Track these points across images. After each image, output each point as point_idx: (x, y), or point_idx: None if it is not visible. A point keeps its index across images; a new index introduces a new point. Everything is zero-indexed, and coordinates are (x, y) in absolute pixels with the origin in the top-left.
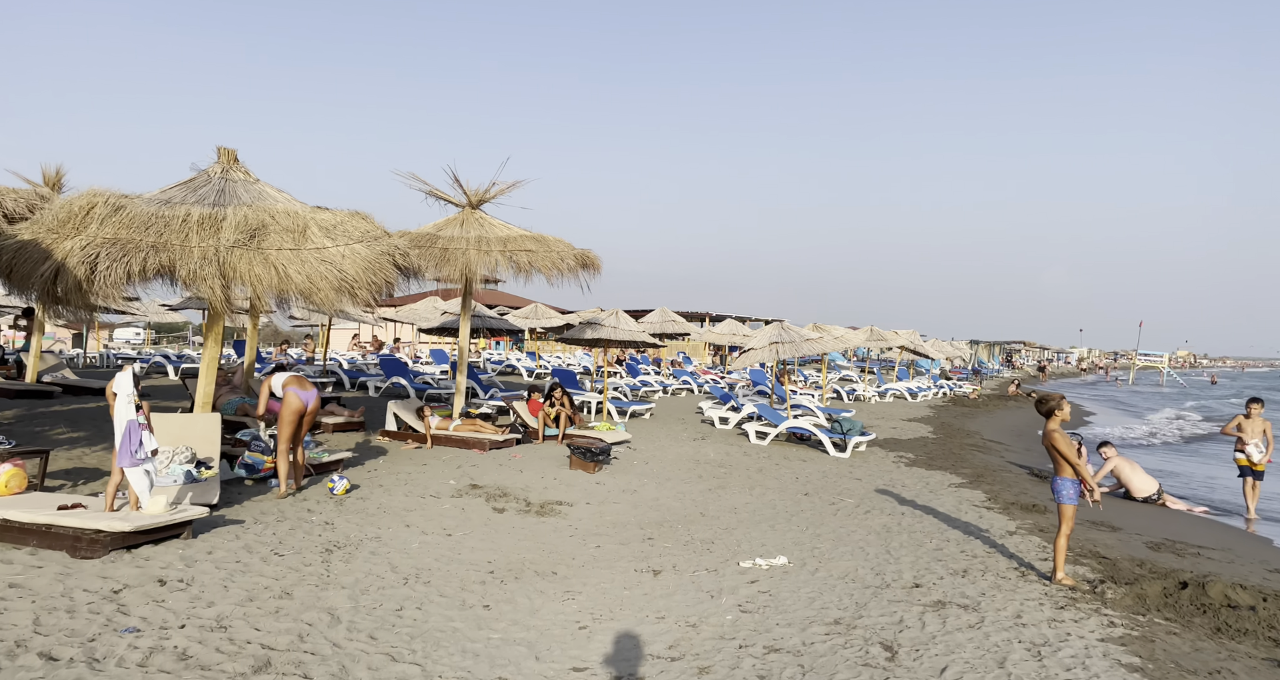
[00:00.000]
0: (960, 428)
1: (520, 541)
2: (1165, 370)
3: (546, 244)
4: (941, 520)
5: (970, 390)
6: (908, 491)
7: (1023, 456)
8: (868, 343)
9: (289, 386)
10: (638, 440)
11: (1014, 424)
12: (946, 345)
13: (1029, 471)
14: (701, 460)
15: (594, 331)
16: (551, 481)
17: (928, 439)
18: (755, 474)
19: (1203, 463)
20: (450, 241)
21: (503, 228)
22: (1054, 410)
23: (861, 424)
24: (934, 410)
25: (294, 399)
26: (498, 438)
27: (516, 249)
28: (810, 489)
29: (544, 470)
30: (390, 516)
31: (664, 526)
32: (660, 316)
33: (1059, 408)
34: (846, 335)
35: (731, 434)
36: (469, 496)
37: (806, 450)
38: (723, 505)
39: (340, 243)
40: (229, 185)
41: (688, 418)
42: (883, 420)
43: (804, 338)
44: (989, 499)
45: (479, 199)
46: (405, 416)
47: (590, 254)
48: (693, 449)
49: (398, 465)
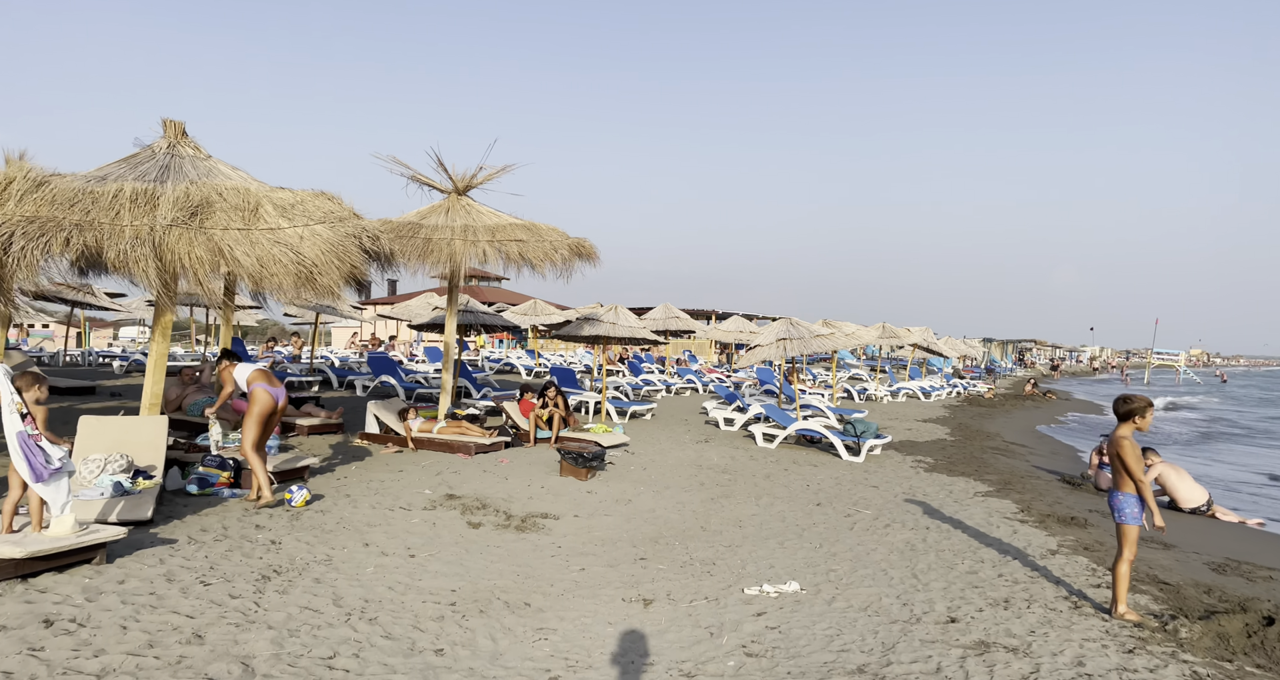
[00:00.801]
0: (979, 429)
1: (493, 563)
2: (1182, 369)
3: (538, 232)
4: (971, 536)
5: (985, 389)
6: (930, 501)
7: (1049, 460)
8: (880, 340)
9: (257, 382)
10: (637, 443)
11: (1034, 424)
12: (960, 343)
13: (1059, 478)
14: (704, 465)
15: (592, 328)
16: (538, 490)
17: (946, 441)
18: (762, 481)
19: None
20: (434, 230)
21: (491, 216)
22: (1133, 414)
23: (876, 426)
24: (949, 410)
25: (263, 395)
26: (484, 441)
27: (505, 238)
28: (823, 498)
29: (531, 477)
30: (349, 533)
31: (659, 544)
32: (664, 313)
33: (1140, 414)
34: (858, 332)
35: (737, 436)
36: (443, 508)
37: (817, 454)
38: (726, 517)
39: (299, 224)
40: (175, 161)
41: (691, 418)
42: (897, 421)
43: (814, 334)
44: (1021, 510)
45: (466, 185)
46: (386, 418)
47: (586, 243)
48: (695, 452)
49: (371, 472)
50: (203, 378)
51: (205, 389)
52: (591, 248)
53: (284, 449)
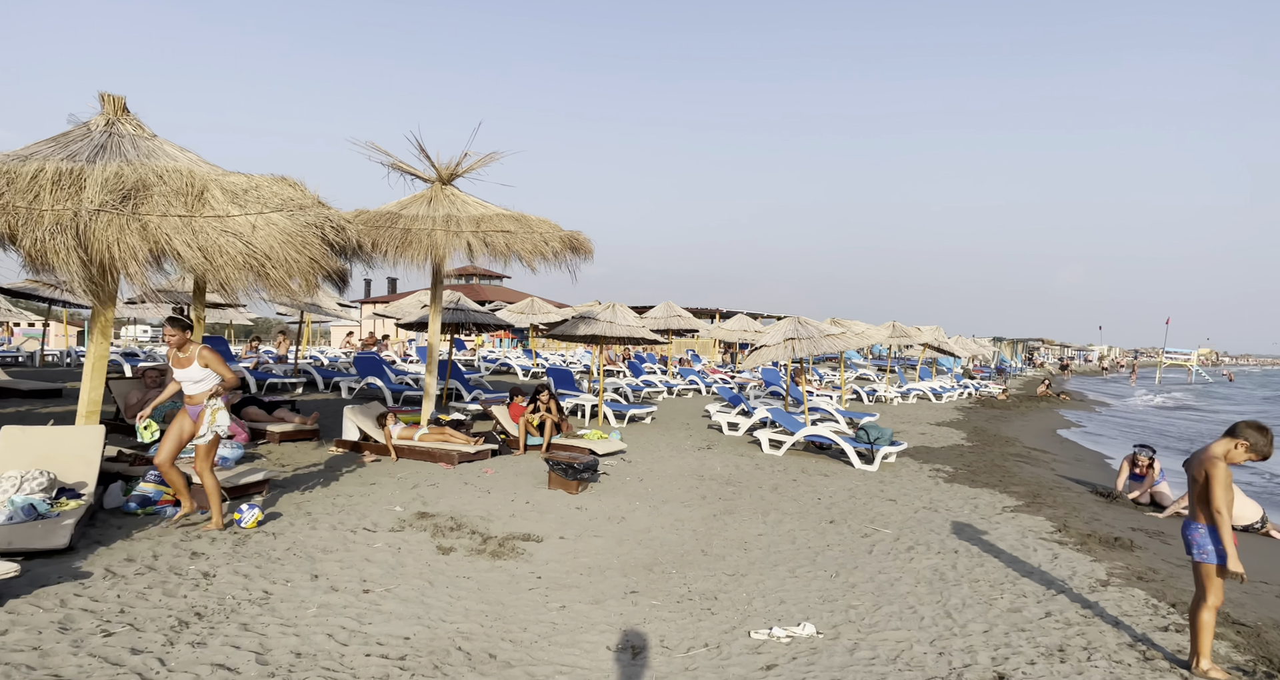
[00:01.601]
0: (996, 433)
1: (459, 600)
2: (1194, 369)
3: (527, 224)
4: (1006, 562)
5: (999, 391)
6: (955, 518)
7: (1075, 468)
8: (890, 339)
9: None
10: (634, 449)
11: (1052, 427)
12: (970, 342)
13: (1090, 489)
14: (706, 475)
15: (588, 326)
16: (522, 506)
17: (963, 447)
18: (769, 493)
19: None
20: (414, 221)
21: (478, 206)
22: (1241, 437)
23: (890, 432)
24: (962, 412)
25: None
26: (468, 449)
27: (492, 229)
28: (836, 514)
29: (517, 490)
30: (298, 562)
31: (654, 572)
32: (665, 311)
33: (1255, 444)
34: (868, 331)
35: (741, 442)
36: (412, 529)
37: (827, 461)
38: (730, 538)
39: (251, 211)
40: (114, 141)
41: (693, 422)
42: (909, 424)
43: (823, 333)
44: (1057, 529)
45: (450, 173)
46: (363, 424)
47: (579, 236)
48: (697, 461)
49: (341, 485)
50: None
51: None
52: (586, 241)
53: (249, 458)
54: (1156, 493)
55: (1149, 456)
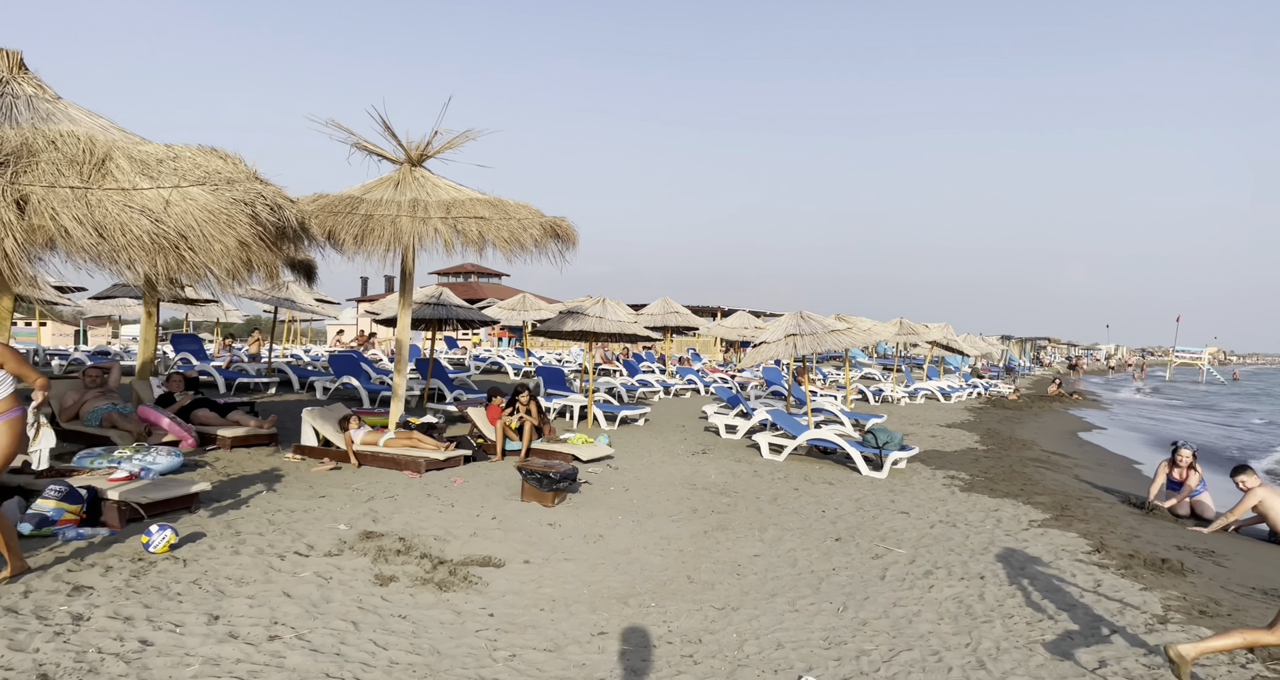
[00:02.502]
0: (1011, 436)
1: (385, 649)
2: (1205, 368)
3: (504, 209)
4: (1041, 591)
5: (1009, 390)
6: (976, 534)
7: (1100, 474)
8: (897, 337)
9: None
10: (624, 455)
11: (1069, 429)
12: (979, 341)
13: (1122, 499)
14: (699, 484)
15: (576, 322)
16: (487, 522)
17: (977, 451)
18: (768, 505)
19: None
20: (376, 206)
21: (450, 189)
22: None
23: (901, 436)
24: (973, 413)
25: None
26: (437, 456)
27: (464, 215)
28: (843, 530)
29: (485, 503)
30: (201, 598)
31: (629, 606)
32: (662, 307)
33: None
34: (875, 328)
35: (739, 445)
36: (353, 553)
37: (832, 467)
38: (722, 560)
39: (165, 184)
40: (7, 101)
41: (690, 424)
42: (918, 426)
43: (827, 329)
44: (1095, 548)
45: (420, 154)
46: (323, 428)
47: (563, 222)
48: (690, 467)
49: (285, 498)
50: (110, 380)
51: (110, 394)
52: (569, 228)
53: (190, 467)
54: (1197, 503)
55: (1191, 452)
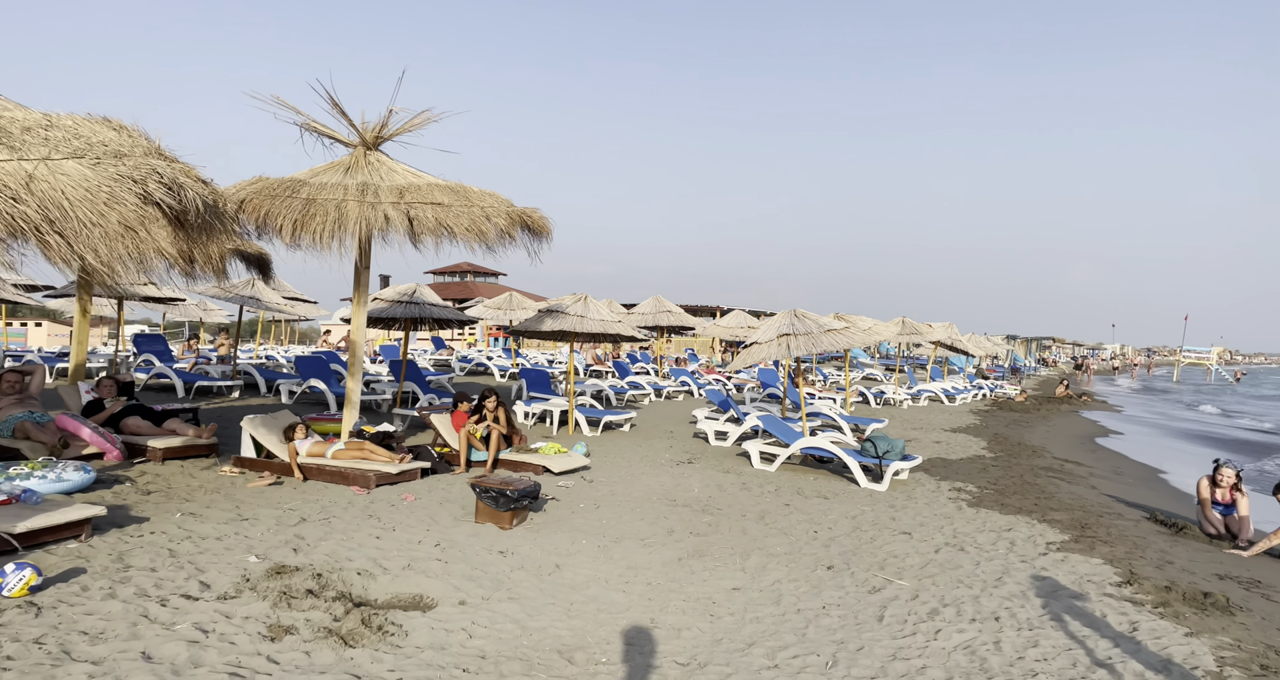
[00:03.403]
0: (1019, 441)
1: None
2: (1213, 368)
3: (466, 196)
4: (1068, 636)
5: (1016, 392)
6: (987, 560)
7: (1119, 485)
8: (900, 337)
9: None
10: (602, 465)
11: (1081, 433)
12: (984, 340)
13: (1148, 515)
14: (680, 499)
15: (555, 321)
16: (429, 549)
17: (985, 459)
18: (754, 525)
19: None
20: (320, 190)
21: (409, 175)
22: None
23: (903, 444)
24: (979, 417)
25: None
26: (390, 469)
27: (418, 201)
28: (836, 556)
29: (432, 525)
30: (31, 664)
31: (575, 664)
32: (653, 306)
33: None
34: (876, 327)
35: (729, 453)
36: (253, 595)
37: (827, 478)
38: (694, 597)
39: (32, 155)
40: None
41: (678, 430)
42: (922, 431)
43: (823, 329)
44: (1125, 580)
45: (375, 136)
46: (264, 438)
47: (534, 213)
48: (673, 479)
49: (202, 521)
50: (32, 385)
51: (29, 401)
52: (541, 219)
53: (112, 483)
54: (1234, 520)
55: (1235, 472)
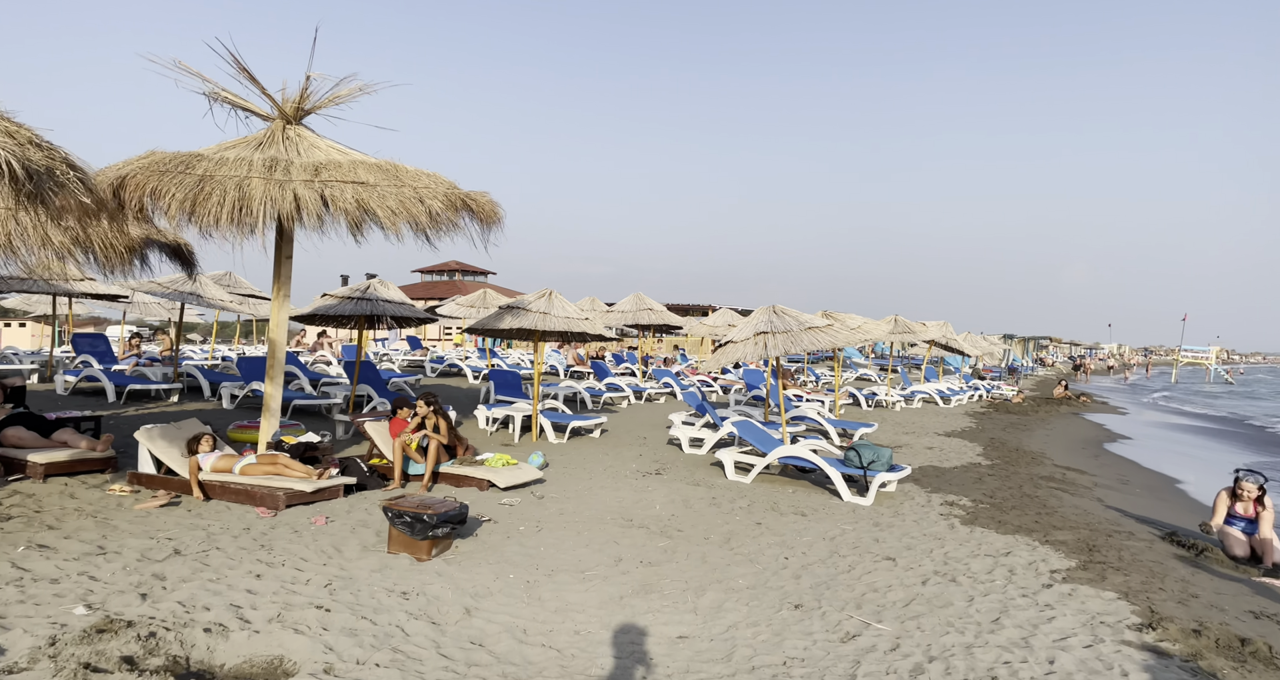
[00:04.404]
0: (1018, 447)
1: None
2: (1213, 368)
3: (396, 175)
4: None
5: (1013, 393)
6: (982, 596)
7: (1124, 496)
8: (892, 336)
9: None
10: (559, 477)
11: (1082, 437)
12: (980, 340)
13: (1162, 535)
14: (638, 518)
15: (516, 319)
16: (313, 592)
17: (980, 467)
18: (717, 549)
19: None
20: (220, 165)
21: (332, 151)
22: None
23: (890, 453)
24: (975, 419)
25: None
26: (304, 487)
27: (336, 178)
28: (806, 590)
29: (333, 556)
30: None
31: None
32: (634, 304)
33: None
34: (866, 326)
35: (703, 463)
36: (47, 668)
37: (807, 491)
38: (628, 651)
39: None
40: None
41: (652, 435)
42: (914, 435)
43: (804, 326)
44: (1146, 621)
45: (296, 108)
46: (163, 453)
47: (480, 196)
48: (635, 493)
49: (46, 557)
50: None
51: None
52: (488, 204)
53: None
54: (1259, 542)
55: (1259, 484)
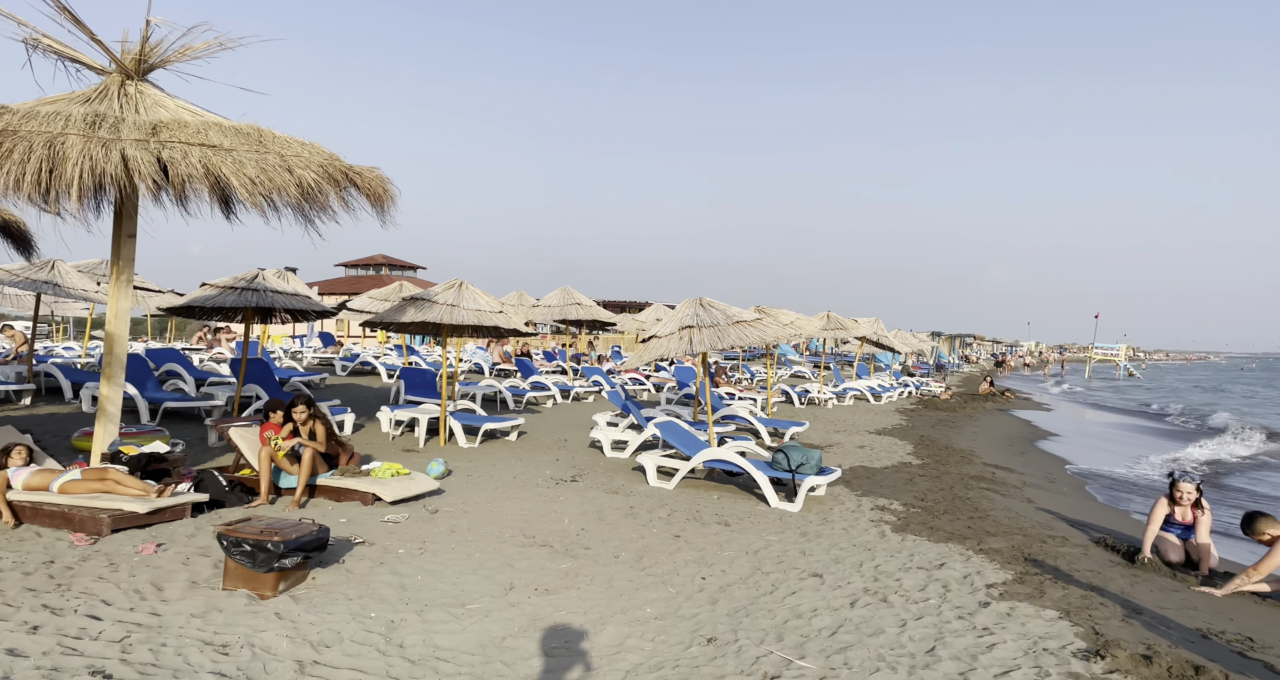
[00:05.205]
0: (948, 444)
1: None
2: (1122, 363)
3: (260, 141)
4: None
5: (942, 389)
6: (915, 619)
7: (1053, 496)
8: (825, 332)
9: None
10: (461, 487)
11: (1008, 434)
12: (910, 337)
13: (1095, 540)
14: (541, 536)
15: (420, 311)
16: (102, 649)
17: (911, 466)
18: (626, 571)
19: None
20: (26, 120)
21: (182, 112)
22: None
23: (819, 455)
24: (905, 416)
25: None
26: (138, 506)
27: (179, 139)
28: (723, 617)
29: (147, 596)
30: None
31: None
32: (561, 298)
33: None
34: (799, 322)
35: (624, 467)
36: None
37: (734, 497)
38: None
39: None
40: None
41: (575, 437)
42: (845, 434)
43: (731, 320)
44: (1092, 648)
45: (138, 61)
46: None
47: (368, 171)
48: (543, 505)
49: None
50: None
51: None
52: (375, 180)
53: None
54: (1195, 547)
55: (1195, 485)
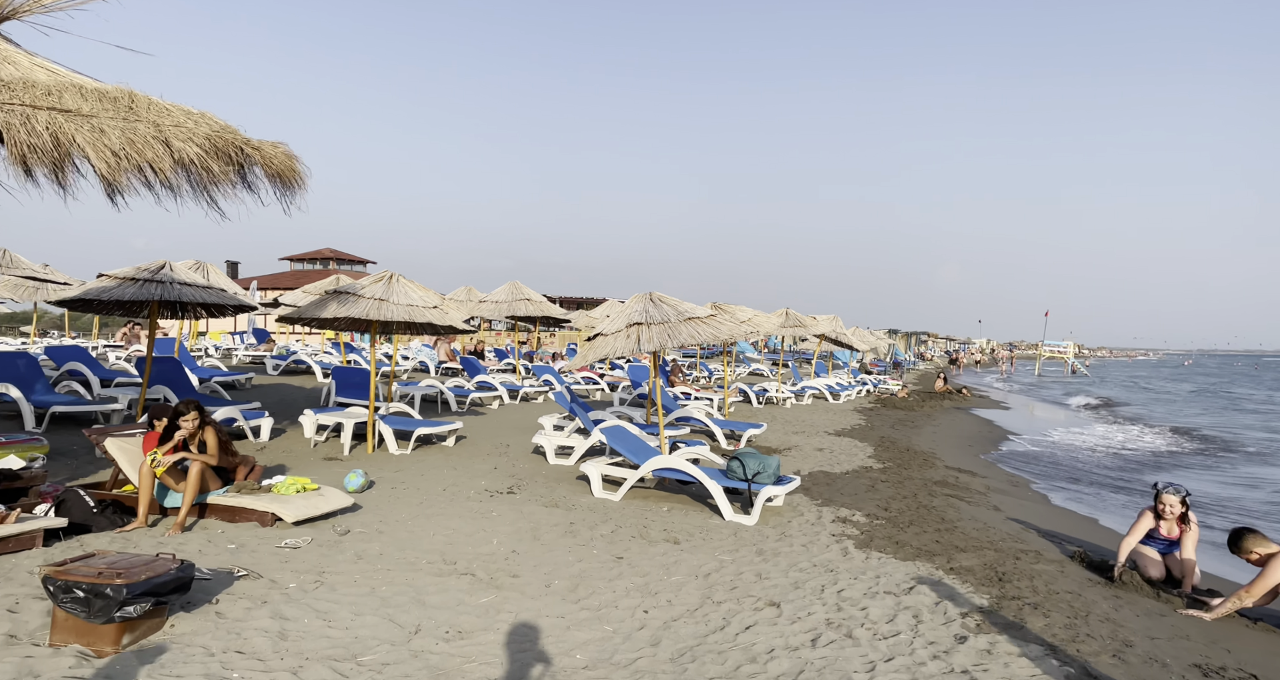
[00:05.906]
0: (909, 446)
1: None
2: (1070, 360)
3: (131, 108)
4: None
5: (898, 388)
6: (884, 661)
7: (1019, 504)
8: (783, 329)
9: None
10: (382, 501)
11: (967, 434)
12: (868, 335)
13: (1070, 555)
14: (464, 562)
15: (344, 306)
16: None
17: (873, 471)
18: (560, 603)
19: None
20: None
21: (36, 70)
22: None
23: (778, 463)
24: (864, 416)
25: None
26: None
27: (25, 101)
28: (663, 667)
29: None
30: None
31: None
32: (509, 293)
33: None
34: (756, 319)
35: (569, 476)
36: None
37: (685, 508)
38: None
39: None
40: None
41: (518, 442)
42: (804, 435)
43: (683, 316)
44: None
45: None
46: None
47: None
48: (472, 523)
49: None
50: None
51: None
52: (279, 157)
53: None
54: (1176, 562)
55: (1181, 497)
